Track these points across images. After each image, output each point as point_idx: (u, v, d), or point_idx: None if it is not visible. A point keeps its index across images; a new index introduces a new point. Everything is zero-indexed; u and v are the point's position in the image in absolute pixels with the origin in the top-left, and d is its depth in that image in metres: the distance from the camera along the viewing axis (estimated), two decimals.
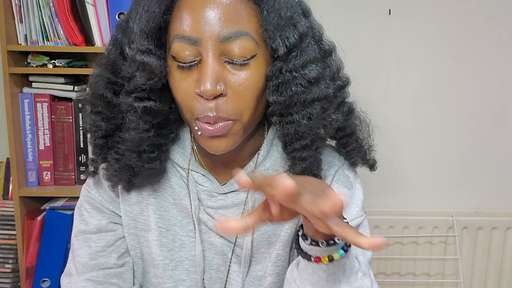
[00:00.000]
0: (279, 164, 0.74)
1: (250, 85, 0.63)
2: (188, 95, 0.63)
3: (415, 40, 1.67)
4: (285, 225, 0.74)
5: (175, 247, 0.75)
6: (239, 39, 0.61)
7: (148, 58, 0.63)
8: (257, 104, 0.65)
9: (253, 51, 0.62)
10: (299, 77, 0.63)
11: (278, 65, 0.64)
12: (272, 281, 0.74)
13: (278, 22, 0.62)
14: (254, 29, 0.62)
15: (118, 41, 0.68)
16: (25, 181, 1.51)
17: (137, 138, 0.67)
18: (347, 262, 0.60)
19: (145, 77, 0.63)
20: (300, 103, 0.64)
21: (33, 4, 1.41)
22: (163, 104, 0.67)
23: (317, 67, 0.64)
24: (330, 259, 0.57)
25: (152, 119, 0.67)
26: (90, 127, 0.71)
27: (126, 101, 0.66)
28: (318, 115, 0.65)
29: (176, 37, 0.62)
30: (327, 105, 0.66)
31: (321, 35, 0.69)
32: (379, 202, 1.75)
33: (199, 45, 0.61)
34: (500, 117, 1.72)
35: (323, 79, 0.65)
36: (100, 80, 0.69)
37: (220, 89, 0.61)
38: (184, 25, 0.61)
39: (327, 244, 0.57)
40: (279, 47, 0.62)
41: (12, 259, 1.54)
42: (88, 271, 0.75)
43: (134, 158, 0.69)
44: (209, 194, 0.74)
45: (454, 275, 1.78)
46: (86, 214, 0.77)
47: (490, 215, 1.74)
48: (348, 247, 0.59)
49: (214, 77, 0.61)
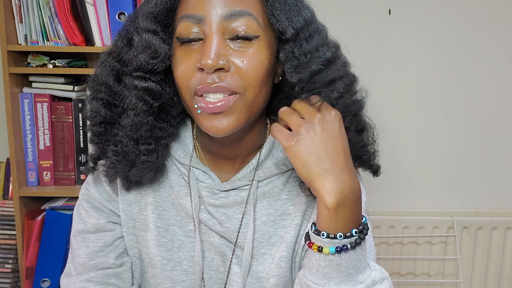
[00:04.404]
0: (282, 162, 0.74)
1: (254, 63, 0.63)
2: (189, 72, 0.64)
3: (415, 40, 1.67)
4: (287, 227, 0.74)
5: (173, 247, 0.75)
6: (242, 17, 0.63)
7: (152, 37, 0.64)
8: (261, 84, 0.65)
9: (257, 31, 0.64)
10: (315, 58, 0.64)
11: (289, 48, 0.65)
12: (274, 282, 0.73)
13: (283, 7, 0.65)
14: (258, 13, 0.64)
15: (127, 30, 0.70)
16: (25, 181, 1.51)
17: (135, 121, 0.67)
18: (343, 264, 0.61)
19: (148, 56, 0.65)
20: (324, 84, 0.65)
21: (33, 4, 1.41)
22: (164, 89, 0.68)
23: (329, 49, 0.66)
24: (319, 250, 0.62)
25: (151, 100, 0.67)
26: (90, 113, 0.71)
27: (128, 81, 0.67)
28: (345, 90, 0.66)
29: (181, 18, 0.64)
30: (350, 81, 0.68)
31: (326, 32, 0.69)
32: (379, 202, 1.75)
33: (203, 23, 0.63)
34: (500, 117, 1.72)
35: (338, 59, 0.67)
36: (105, 66, 0.70)
37: (222, 63, 0.62)
38: (190, 5, 0.64)
39: (327, 236, 0.61)
40: (286, 29, 0.64)
41: (12, 259, 1.54)
42: (87, 271, 0.75)
43: (131, 146, 0.69)
44: (210, 191, 0.73)
45: (454, 275, 1.78)
46: (84, 213, 0.77)
47: (490, 215, 1.74)
48: (344, 250, 0.61)
49: (216, 51, 0.62)
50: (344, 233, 0.61)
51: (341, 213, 0.61)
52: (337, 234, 0.61)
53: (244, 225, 0.73)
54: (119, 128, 0.69)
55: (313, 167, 0.61)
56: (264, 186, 0.74)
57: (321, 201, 0.61)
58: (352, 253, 0.61)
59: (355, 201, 0.62)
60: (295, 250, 0.74)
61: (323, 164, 0.61)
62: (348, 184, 0.61)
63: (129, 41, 0.69)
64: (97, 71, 0.71)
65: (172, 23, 0.67)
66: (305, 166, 0.62)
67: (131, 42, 0.68)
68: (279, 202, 0.74)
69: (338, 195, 0.60)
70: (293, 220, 0.74)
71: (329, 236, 0.61)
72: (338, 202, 0.60)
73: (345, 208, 0.61)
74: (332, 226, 0.61)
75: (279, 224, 0.74)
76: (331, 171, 0.61)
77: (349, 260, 0.62)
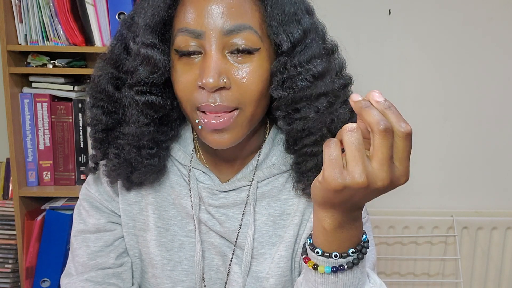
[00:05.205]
0: (282, 163, 0.74)
1: (253, 78, 0.63)
2: (190, 88, 0.63)
3: (415, 40, 1.67)
4: (287, 227, 0.74)
5: (174, 247, 0.75)
6: (242, 32, 0.62)
7: (152, 52, 0.63)
8: (261, 97, 0.65)
9: (257, 44, 0.63)
10: (304, 72, 0.63)
11: (282, 60, 0.64)
12: (274, 282, 0.73)
13: (282, 18, 0.63)
14: (258, 25, 0.63)
15: (123, 36, 0.69)
16: (25, 181, 1.51)
17: (137, 132, 0.67)
18: (339, 283, 0.57)
19: (148, 71, 0.64)
20: (307, 98, 0.64)
21: (33, 4, 1.41)
22: (165, 100, 0.67)
23: (322, 62, 0.65)
24: (314, 268, 0.57)
25: (153, 113, 0.67)
26: (90, 120, 0.71)
27: (128, 94, 0.66)
28: (325, 109, 0.65)
29: (180, 31, 0.63)
30: (334, 99, 0.66)
31: (324, 33, 0.69)
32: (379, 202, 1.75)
33: (203, 38, 0.62)
34: (500, 117, 1.72)
35: (328, 73, 0.66)
36: (103, 74, 0.69)
37: (223, 82, 0.61)
38: (188, 19, 0.62)
39: (321, 254, 0.56)
40: (283, 42, 0.63)
41: (12, 259, 1.54)
42: (87, 271, 0.75)
43: (134, 153, 0.69)
44: (210, 192, 0.73)
45: (454, 275, 1.78)
46: (85, 213, 0.77)
47: (490, 215, 1.74)
48: (340, 270, 0.56)
49: (217, 70, 0.61)
50: (340, 253, 0.56)
51: (339, 234, 0.55)
52: (332, 253, 0.55)
53: (244, 225, 0.73)
54: (121, 134, 0.69)
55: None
56: (264, 187, 0.74)
57: (318, 218, 0.56)
58: (349, 273, 0.57)
59: (354, 224, 0.56)
60: (294, 250, 0.74)
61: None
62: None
63: (125, 48, 0.68)
64: (95, 77, 0.70)
65: (169, 30, 0.66)
66: (325, 202, 0.53)
67: (127, 48, 0.68)
68: (279, 202, 0.74)
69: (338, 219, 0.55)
70: (292, 220, 0.74)
71: (324, 255, 0.56)
72: (336, 226, 0.54)
73: (342, 230, 0.55)
74: (327, 245, 0.56)
75: (278, 224, 0.74)
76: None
77: (346, 279, 0.58)
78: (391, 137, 0.47)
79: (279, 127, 0.75)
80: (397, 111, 0.48)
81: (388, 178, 0.48)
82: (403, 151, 0.48)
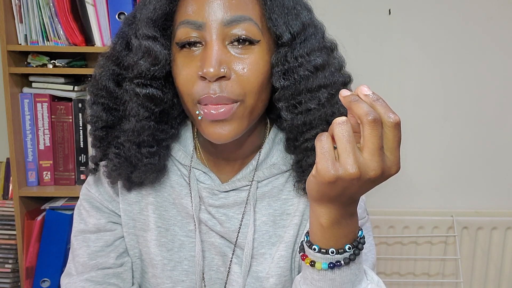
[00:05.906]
0: (282, 163, 0.74)
1: (254, 70, 0.63)
2: (190, 80, 0.63)
3: (415, 40, 1.67)
4: (287, 227, 0.74)
5: (174, 247, 0.75)
6: (242, 22, 0.62)
7: (153, 44, 0.64)
8: (261, 89, 0.65)
9: (257, 36, 0.63)
10: (305, 63, 0.64)
11: (283, 52, 0.65)
12: (274, 282, 0.73)
13: (282, 10, 0.64)
14: (258, 17, 0.64)
15: (125, 34, 0.69)
16: (25, 181, 1.51)
17: (137, 127, 0.67)
18: (337, 279, 0.58)
19: (149, 63, 0.64)
20: (308, 90, 0.64)
21: (33, 4, 1.41)
22: (165, 94, 0.68)
23: (322, 54, 0.66)
24: (311, 264, 0.58)
25: (153, 106, 0.67)
26: (91, 117, 0.71)
27: (129, 87, 0.66)
28: (326, 101, 0.65)
29: (181, 23, 0.64)
30: (334, 92, 0.66)
31: (323, 31, 0.70)
32: (379, 202, 1.76)
33: (203, 29, 0.62)
34: (500, 117, 1.72)
35: (328, 67, 0.66)
36: (104, 71, 0.70)
37: (224, 71, 0.62)
38: (189, 11, 0.63)
39: (318, 251, 0.57)
40: (283, 33, 0.64)
41: (12, 259, 1.54)
42: (87, 271, 0.75)
43: (134, 150, 0.69)
44: (210, 192, 0.74)
45: (454, 275, 1.78)
46: (85, 213, 0.77)
47: (490, 215, 1.75)
48: (337, 266, 0.57)
49: (218, 59, 0.61)
50: (337, 249, 0.57)
51: (335, 230, 0.56)
52: (329, 249, 0.57)
53: (244, 225, 0.74)
54: (121, 132, 0.69)
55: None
56: (264, 187, 0.74)
57: (315, 215, 0.57)
58: (346, 269, 0.58)
59: (350, 219, 0.57)
60: (294, 250, 0.74)
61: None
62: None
63: (127, 45, 0.69)
64: (96, 75, 0.70)
65: (170, 25, 0.66)
66: (321, 196, 0.54)
67: (129, 45, 0.68)
68: (279, 202, 0.74)
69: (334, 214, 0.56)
70: (292, 220, 0.74)
71: (321, 251, 0.57)
72: (333, 222, 0.56)
73: (339, 226, 0.56)
74: (324, 241, 0.57)
75: (278, 224, 0.74)
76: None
77: (343, 275, 0.59)
78: (380, 127, 0.49)
79: (279, 127, 0.76)
80: (385, 103, 0.50)
81: (379, 168, 0.49)
82: (393, 141, 0.49)
